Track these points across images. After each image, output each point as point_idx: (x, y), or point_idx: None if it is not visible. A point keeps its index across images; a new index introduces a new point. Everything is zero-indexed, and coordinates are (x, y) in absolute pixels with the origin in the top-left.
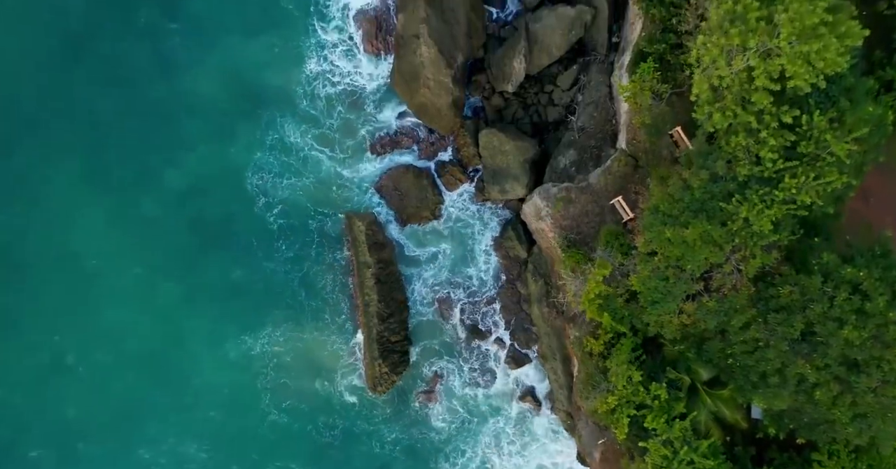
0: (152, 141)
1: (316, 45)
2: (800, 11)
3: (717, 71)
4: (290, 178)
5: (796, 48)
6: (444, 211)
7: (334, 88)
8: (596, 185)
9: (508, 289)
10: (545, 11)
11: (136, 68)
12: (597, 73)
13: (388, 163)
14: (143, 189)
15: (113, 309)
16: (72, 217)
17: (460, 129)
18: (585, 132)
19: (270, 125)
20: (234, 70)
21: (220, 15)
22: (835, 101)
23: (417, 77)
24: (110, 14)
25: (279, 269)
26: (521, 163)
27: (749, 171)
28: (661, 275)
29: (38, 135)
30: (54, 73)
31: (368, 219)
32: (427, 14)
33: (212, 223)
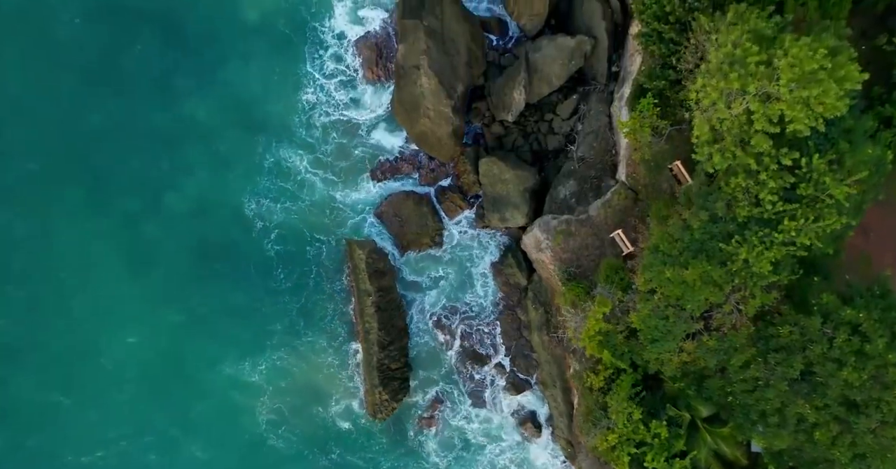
0: (152, 166)
1: (316, 72)
2: (799, 56)
3: (717, 113)
4: (290, 204)
5: (796, 93)
6: (444, 237)
7: (334, 115)
8: (596, 218)
9: (508, 315)
10: (545, 41)
11: (136, 94)
12: (596, 103)
13: (388, 189)
14: (143, 214)
15: (111, 334)
16: (72, 241)
17: (460, 157)
18: (585, 162)
19: (270, 151)
20: (236, 96)
21: (220, 42)
22: (834, 142)
23: (418, 107)
24: (111, 41)
25: (279, 293)
26: (521, 192)
27: (749, 212)
28: (661, 314)
29: (39, 160)
30: (55, 100)
31: (369, 247)
32: (428, 46)
33: (212, 248)
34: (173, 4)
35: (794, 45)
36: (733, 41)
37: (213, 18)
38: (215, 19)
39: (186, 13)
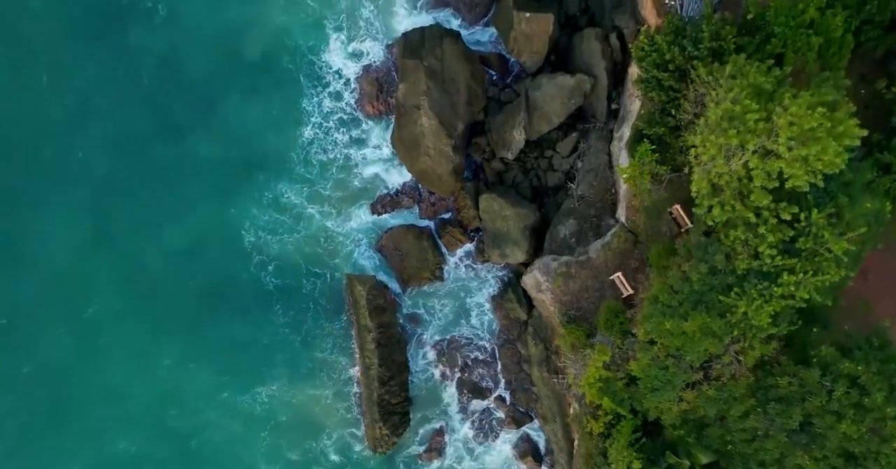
0: (152, 199)
1: (315, 107)
2: (798, 114)
3: (716, 168)
4: (290, 237)
5: (795, 152)
6: (444, 271)
7: (334, 150)
8: (595, 261)
9: (508, 348)
10: (545, 79)
11: (136, 129)
12: (596, 141)
13: (388, 222)
14: (143, 247)
15: (112, 367)
16: (73, 274)
17: (460, 191)
18: (585, 200)
19: (269, 186)
20: (236, 132)
21: (220, 78)
22: (833, 196)
23: (418, 145)
24: (112, 76)
25: (279, 326)
26: (521, 229)
27: (748, 264)
28: (661, 364)
29: (40, 195)
30: (56, 134)
31: (369, 283)
32: (428, 87)
33: (211, 281)
34: (175, 42)
35: (794, 103)
36: (732, 97)
37: (213, 56)
38: (216, 56)
39: (187, 51)
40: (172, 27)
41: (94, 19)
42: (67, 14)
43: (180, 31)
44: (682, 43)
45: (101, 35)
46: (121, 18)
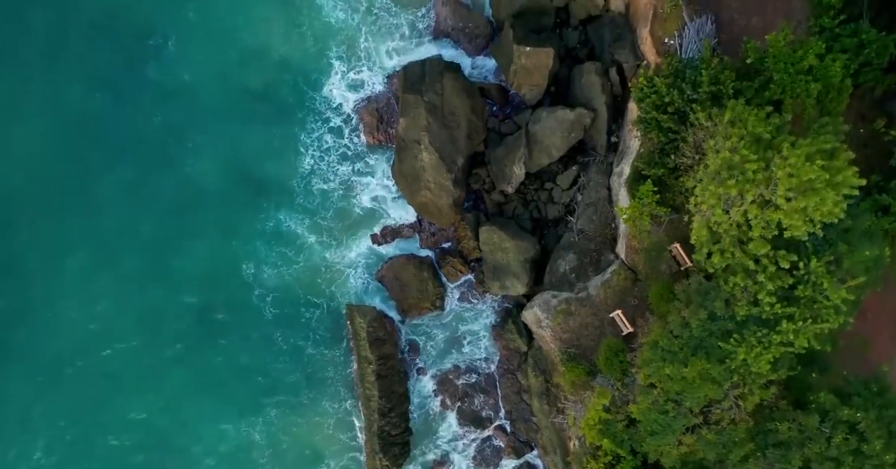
0: (155, 231)
1: (316, 138)
2: (797, 166)
3: (715, 217)
4: (290, 268)
5: (793, 203)
6: (445, 301)
7: (335, 180)
8: (595, 298)
9: (508, 378)
10: (544, 113)
11: (140, 160)
12: (596, 174)
13: (388, 252)
14: (144, 279)
15: (113, 395)
16: (74, 304)
17: (461, 222)
18: (585, 235)
19: (270, 216)
20: (238, 164)
21: (226, 109)
22: (832, 243)
23: (419, 179)
24: (117, 108)
25: (280, 355)
26: (521, 261)
27: (747, 311)
28: (661, 408)
29: (45, 225)
30: (61, 164)
31: (370, 315)
32: (428, 122)
33: (212, 310)
34: (182, 75)
35: (792, 154)
36: (731, 146)
37: (218, 89)
38: (221, 89)
39: (193, 84)
40: (179, 61)
41: (102, 52)
42: (77, 45)
43: (187, 65)
44: (681, 86)
45: (109, 67)
46: (130, 52)
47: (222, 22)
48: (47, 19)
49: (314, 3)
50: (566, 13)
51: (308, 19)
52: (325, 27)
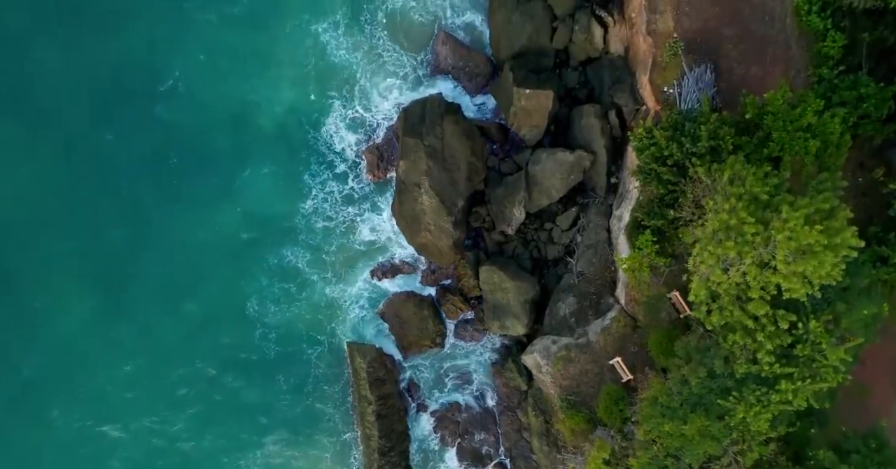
0: (159, 271)
1: (320, 175)
2: (796, 229)
3: (714, 277)
4: (292, 305)
5: (792, 267)
6: (445, 339)
7: (336, 217)
8: (595, 345)
9: (508, 416)
10: (544, 154)
11: (145, 200)
12: (595, 215)
13: (389, 289)
14: (148, 319)
15: (116, 434)
16: (78, 344)
17: (461, 261)
18: (584, 277)
19: (273, 254)
20: (241, 204)
21: (231, 149)
22: (830, 302)
23: (419, 221)
24: (123, 149)
25: (282, 392)
26: (521, 302)
27: (746, 369)
28: (661, 463)
29: (51, 269)
30: (66, 203)
31: (370, 355)
32: (429, 166)
33: (212, 346)
34: (189, 116)
35: (792, 217)
36: (729, 208)
37: (224, 130)
38: (226, 131)
39: (199, 126)
40: (187, 102)
41: (111, 92)
42: (86, 85)
43: (194, 106)
44: (680, 139)
45: (118, 107)
46: (138, 93)
47: (229, 62)
48: (56, 58)
49: (318, 43)
50: (566, 54)
51: (313, 59)
52: (328, 67)
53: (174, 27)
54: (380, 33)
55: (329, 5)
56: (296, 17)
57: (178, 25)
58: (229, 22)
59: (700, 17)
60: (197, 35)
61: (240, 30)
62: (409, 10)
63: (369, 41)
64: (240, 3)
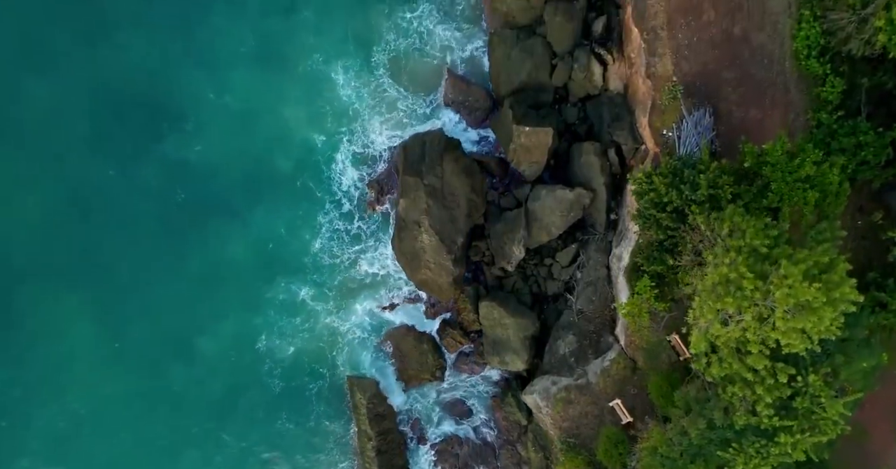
0: (167, 307)
1: (327, 210)
2: (795, 286)
3: (713, 330)
4: (295, 339)
5: (790, 323)
6: (445, 372)
7: (341, 252)
8: (595, 386)
9: (508, 449)
10: (544, 191)
11: (153, 235)
12: (595, 252)
13: (390, 322)
14: (157, 356)
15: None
16: (84, 381)
17: (461, 295)
18: (584, 315)
19: (279, 289)
20: (248, 241)
21: (236, 187)
22: (829, 354)
23: (419, 258)
24: (126, 183)
25: (284, 426)
26: (521, 338)
27: (746, 420)
28: None
29: (56, 306)
30: (73, 240)
31: (370, 390)
32: (428, 205)
33: (216, 381)
34: (199, 154)
35: (791, 272)
36: (729, 262)
37: (225, 169)
38: (228, 170)
39: (208, 163)
40: (196, 139)
41: (122, 130)
42: (95, 122)
43: (204, 143)
44: (679, 186)
45: (122, 144)
46: (148, 130)
47: (238, 100)
48: (62, 92)
49: (327, 81)
50: (565, 91)
51: (320, 97)
52: (336, 104)
53: (183, 65)
54: (386, 71)
55: (338, 45)
56: (306, 57)
57: (187, 63)
58: (239, 60)
59: (699, 60)
60: (206, 73)
61: (250, 68)
62: (413, 49)
63: (376, 79)
64: (248, 43)
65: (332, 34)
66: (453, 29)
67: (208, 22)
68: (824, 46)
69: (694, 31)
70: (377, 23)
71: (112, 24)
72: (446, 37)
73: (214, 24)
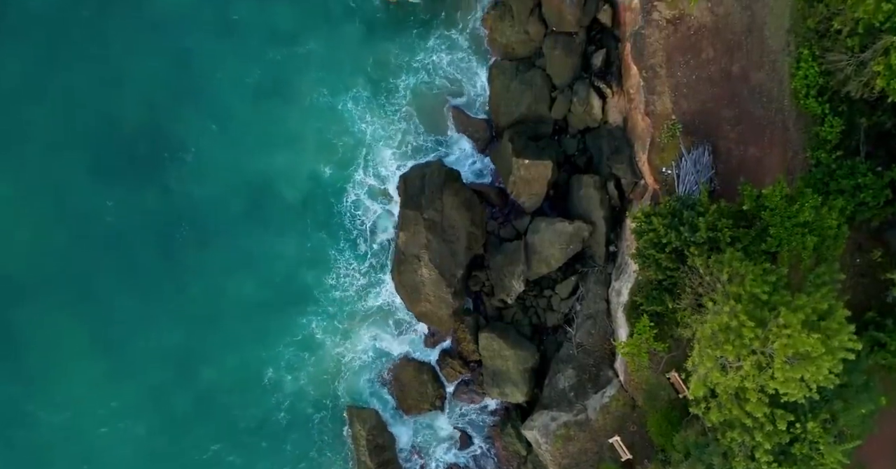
0: (176, 339)
1: (333, 243)
2: (794, 336)
3: (713, 377)
4: (303, 371)
5: (789, 373)
6: (444, 401)
7: (350, 285)
8: (594, 423)
9: None
10: (543, 224)
11: (159, 267)
12: (594, 284)
13: (391, 352)
14: (167, 387)
15: None
16: (88, 411)
17: (460, 325)
18: (583, 349)
19: (288, 322)
20: (260, 274)
21: (238, 220)
22: (828, 400)
23: (418, 291)
24: (127, 216)
25: (287, 458)
26: (520, 371)
27: (745, 466)
28: None
29: (58, 341)
30: (74, 277)
31: (370, 421)
32: (428, 240)
33: (221, 413)
34: (190, 190)
35: (790, 321)
36: (729, 310)
37: (227, 202)
38: (230, 203)
39: (204, 201)
40: (200, 171)
41: (116, 161)
42: (97, 152)
43: (204, 177)
44: (678, 227)
45: (123, 176)
46: (143, 163)
47: (242, 133)
48: (67, 124)
49: (337, 112)
50: (565, 122)
51: (328, 129)
52: (345, 136)
53: (184, 95)
54: (395, 103)
55: (347, 78)
56: (313, 89)
57: (188, 93)
58: (242, 92)
59: (698, 98)
60: (209, 104)
61: (254, 101)
62: (422, 82)
63: (384, 112)
64: (252, 74)
65: (339, 66)
66: (460, 61)
67: (212, 52)
68: (823, 86)
69: (693, 69)
70: (385, 54)
71: (115, 54)
72: (453, 71)
73: (218, 54)
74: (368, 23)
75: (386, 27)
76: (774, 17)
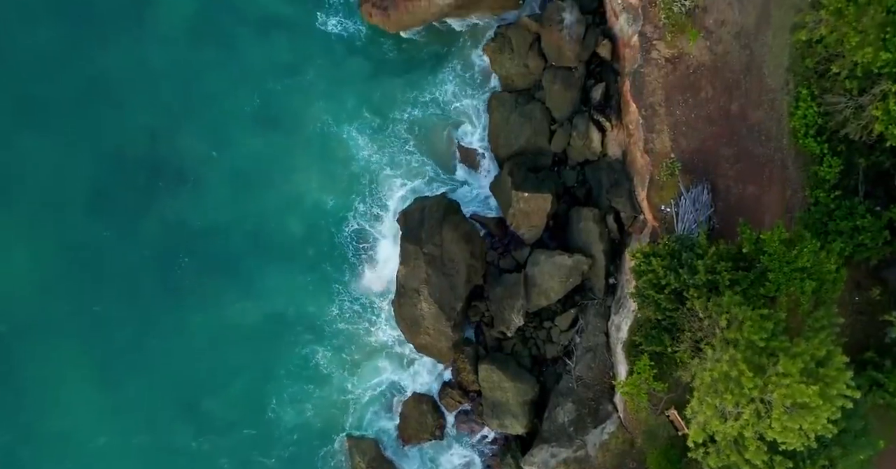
0: (176, 369)
1: (338, 275)
2: (792, 387)
3: (712, 426)
4: (308, 403)
5: (787, 422)
6: (444, 431)
7: (358, 318)
8: (594, 460)
9: None
10: (542, 256)
11: (151, 302)
12: (594, 317)
13: (391, 382)
14: (168, 421)
15: None
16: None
17: (460, 355)
18: (583, 382)
19: (292, 354)
20: (264, 306)
21: (239, 251)
22: (827, 445)
23: (418, 325)
24: (124, 245)
25: None
26: (520, 403)
27: None
28: None
29: (56, 372)
30: (73, 307)
31: (370, 453)
32: (427, 274)
33: (226, 446)
34: (189, 220)
35: (790, 371)
36: (729, 358)
37: (227, 233)
38: (230, 233)
39: (203, 231)
40: (200, 201)
41: (112, 189)
42: (94, 179)
43: (203, 207)
44: (677, 269)
45: (120, 205)
46: (140, 192)
47: (241, 159)
48: (64, 153)
49: (340, 142)
50: (564, 154)
51: (331, 159)
52: (349, 167)
53: (185, 124)
54: (398, 135)
55: (350, 110)
56: (316, 119)
57: (189, 122)
58: (244, 121)
59: (697, 136)
60: (210, 132)
61: (255, 129)
62: (429, 114)
63: (389, 143)
64: (252, 103)
65: (343, 97)
66: (466, 93)
67: (211, 80)
68: (821, 126)
69: (692, 107)
70: (391, 87)
71: (114, 83)
72: (459, 103)
73: (218, 82)
74: (373, 55)
75: (393, 60)
76: (773, 56)
